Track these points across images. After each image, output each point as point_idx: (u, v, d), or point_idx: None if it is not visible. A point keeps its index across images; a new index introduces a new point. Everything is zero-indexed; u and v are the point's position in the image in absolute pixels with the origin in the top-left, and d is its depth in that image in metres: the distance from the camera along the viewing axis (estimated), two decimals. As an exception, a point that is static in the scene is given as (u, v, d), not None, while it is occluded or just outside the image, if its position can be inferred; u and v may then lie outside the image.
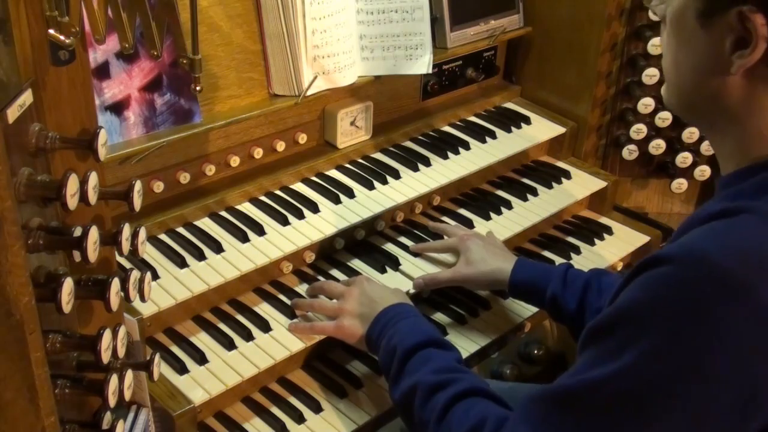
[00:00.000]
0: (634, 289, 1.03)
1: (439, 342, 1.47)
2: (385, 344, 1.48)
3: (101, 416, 1.15)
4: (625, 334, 1.01)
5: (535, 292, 1.68)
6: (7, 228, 0.86)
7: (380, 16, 1.99)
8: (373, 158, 2.08)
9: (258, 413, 1.59)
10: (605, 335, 1.04)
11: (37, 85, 1.00)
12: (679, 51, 1.11)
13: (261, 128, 1.89)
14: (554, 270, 1.68)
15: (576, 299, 1.61)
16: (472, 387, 1.32)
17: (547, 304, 1.66)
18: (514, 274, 1.70)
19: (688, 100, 1.14)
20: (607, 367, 1.01)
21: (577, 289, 1.61)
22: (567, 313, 1.63)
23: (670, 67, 1.15)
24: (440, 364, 1.39)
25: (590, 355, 1.06)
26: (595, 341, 1.06)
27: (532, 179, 2.23)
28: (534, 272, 1.70)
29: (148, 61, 1.63)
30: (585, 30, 2.23)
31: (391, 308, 1.55)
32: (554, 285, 1.64)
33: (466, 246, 1.79)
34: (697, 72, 1.09)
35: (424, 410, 1.33)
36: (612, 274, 1.68)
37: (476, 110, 2.35)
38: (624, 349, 1.00)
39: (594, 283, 1.61)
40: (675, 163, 2.38)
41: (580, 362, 1.08)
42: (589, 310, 1.59)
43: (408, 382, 1.38)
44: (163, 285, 1.59)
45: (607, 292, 1.57)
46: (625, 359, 1.00)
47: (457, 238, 1.84)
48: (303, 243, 1.76)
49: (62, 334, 1.04)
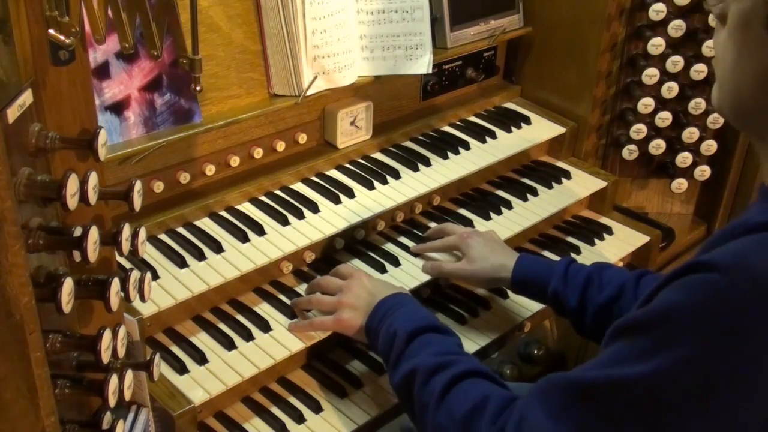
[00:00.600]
0: (675, 291, 1.01)
1: (438, 327, 1.47)
2: (385, 331, 1.48)
3: (101, 416, 1.15)
4: (663, 335, 0.99)
5: (537, 288, 1.68)
6: (7, 228, 0.86)
7: (380, 16, 2.00)
8: (373, 158, 2.08)
9: (258, 413, 1.59)
10: (639, 333, 1.02)
11: (37, 85, 1.00)
12: (741, 57, 1.07)
13: (261, 128, 1.89)
14: (556, 265, 1.68)
15: (577, 295, 1.61)
16: (472, 368, 1.32)
17: (549, 300, 1.67)
18: (516, 271, 1.70)
19: (745, 107, 1.11)
20: (639, 366, 1.00)
21: (578, 285, 1.61)
22: (568, 309, 1.63)
23: (727, 72, 1.11)
24: (440, 348, 1.39)
25: (619, 351, 1.04)
26: (626, 337, 1.04)
27: (532, 179, 2.23)
28: (536, 268, 1.70)
29: (148, 61, 1.63)
30: (585, 30, 2.23)
31: (389, 298, 1.55)
32: (555, 281, 1.64)
33: (467, 244, 1.79)
34: (759, 80, 1.05)
35: (424, 392, 1.33)
36: (614, 268, 1.68)
37: (476, 110, 2.35)
38: (660, 350, 0.99)
39: (595, 278, 1.61)
40: (675, 163, 2.38)
41: (607, 355, 1.06)
42: (590, 305, 1.59)
43: (407, 366, 1.38)
44: (163, 285, 1.59)
45: (609, 287, 1.57)
46: (660, 361, 0.98)
47: (457, 236, 1.84)
48: (303, 243, 1.76)
49: (62, 334, 1.04)
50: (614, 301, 1.57)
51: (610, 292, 1.57)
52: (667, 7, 2.18)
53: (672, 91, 2.25)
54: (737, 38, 1.07)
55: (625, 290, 1.57)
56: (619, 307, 1.55)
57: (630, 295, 1.56)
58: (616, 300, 1.57)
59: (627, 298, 1.56)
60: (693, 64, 2.24)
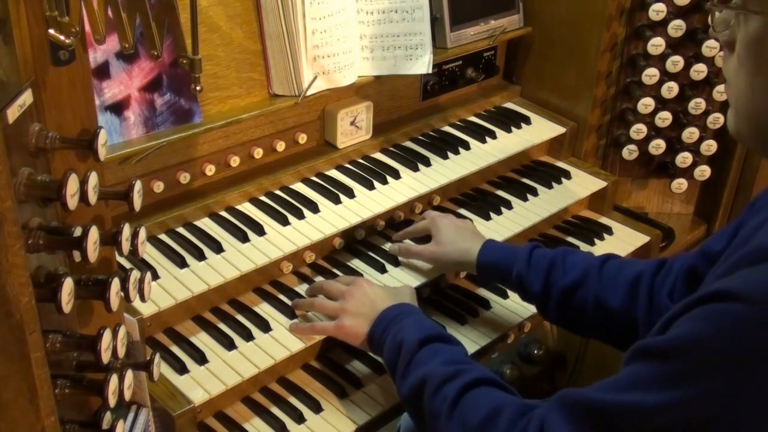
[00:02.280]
0: (699, 320, 0.99)
1: (445, 337, 1.47)
2: (390, 341, 1.48)
3: (101, 416, 1.15)
4: (686, 366, 0.98)
5: (501, 273, 1.69)
6: (7, 228, 0.86)
7: (380, 16, 2.00)
8: (373, 158, 2.08)
9: (258, 413, 1.59)
10: (660, 360, 1.01)
11: (37, 85, 1.00)
12: (756, 79, 1.07)
13: (261, 128, 1.89)
14: (520, 250, 1.68)
15: (541, 279, 1.61)
16: (484, 376, 1.32)
17: (513, 284, 1.67)
18: (481, 256, 1.71)
19: (763, 129, 1.10)
20: (658, 396, 0.99)
21: (542, 269, 1.61)
22: (533, 293, 1.64)
23: (741, 97, 1.11)
24: (449, 357, 1.39)
25: (639, 374, 1.04)
26: (646, 360, 1.04)
27: (532, 179, 2.23)
28: (500, 253, 1.71)
29: (148, 61, 1.63)
30: (585, 30, 2.23)
31: (393, 307, 1.55)
32: (519, 265, 1.64)
33: (436, 226, 1.81)
34: None
35: (435, 400, 1.32)
36: (579, 253, 1.68)
37: (476, 110, 2.35)
38: (682, 381, 0.98)
39: (559, 262, 1.61)
40: (675, 163, 2.38)
41: (626, 378, 1.05)
42: (554, 288, 1.60)
43: (417, 375, 1.38)
44: (163, 285, 1.59)
45: (573, 270, 1.58)
46: (683, 392, 0.97)
47: (429, 219, 1.86)
48: (303, 243, 1.76)
49: (62, 334, 1.04)
50: (578, 285, 1.58)
51: (574, 276, 1.58)
52: (667, 7, 2.18)
53: (672, 91, 2.25)
54: (749, 61, 1.07)
55: (589, 274, 1.58)
56: (583, 291, 1.57)
57: (594, 279, 1.57)
58: (581, 284, 1.57)
59: (591, 282, 1.57)
60: (693, 64, 2.24)
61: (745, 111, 1.11)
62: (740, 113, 1.13)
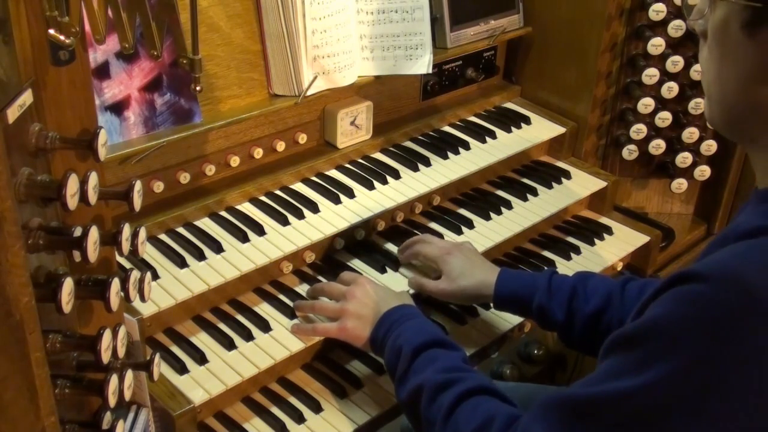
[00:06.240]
0: (665, 303, 1.01)
1: (444, 342, 1.46)
2: (391, 344, 1.48)
3: (101, 416, 1.14)
4: (654, 348, 1.00)
5: (521, 304, 1.65)
6: (7, 228, 0.86)
7: (380, 16, 2.00)
8: (373, 158, 2.08)
9: (258, 413, 1.58)
10: (632, 347, 1.03)
11: (37, 85, 1.00)
12: (723, 63, 1.08)
13: (261, 128, 1.90)
14: (539, 279, 1.64)
15: (563, 308, 1.59)
16: (478, 385, 1.32)
17: (534, 314, 1.63)
18: (498, 288, 1.66)
19: (733, 113, 1.12)
20: (633, 380, 1.00)
21: (564, 297, 1.59)
22: (555, 322, 1.61)
23: (713, 83, 1.12)
24: (446, 364, 1.39)
25: (614, 365, 1.05)
26: (619, 351, 1.05)
27: (532, 179, 2.23)
28: (518, 284, 1.66)
29: (148, 61, 1.63)
30: (585, 30, 2.23)
31: (395, 309, 1.55)
32: (540, 295, 1.61)
33: (445, 261, 1.74)
34: (743, 83, 1.07)
35: (431, 409, 1.33)
36: (597, 276, 1.66)
37: (476, 110, 2.35)
38: (652, 363, 0.99)
39: (579, 289, 1.59)
40: (675, 163, 2.38)
41: (603, 370, 1.07)
42: (577, 316, 1.58)
43: (414, 382, 1.38)
44: (163, 285, 1.59)
45: (595, 297, 1.57)
46: (652, 374, 0.99)
47: (437, 250, 1.78)
48: (303, 243, 1.76)
49: (62, 334, 1.04)
50: (602, 311, 1.56)
51: (597, 303, 1.56)
52: (667, 7, 2.18)
53: (672, 91, 2.25)
54: (717, 47, 1.09)
55: (611, 299, 1.56)
56: (608, 317, 1.55)
57: (617, 303, 1.55)
58: (604, 310, 1.56)
59: (614, 307, 1.55)
60: (693, 64, 2.24)
61: (716, 98, 1.13)
62: (712, 101, 1.14)
